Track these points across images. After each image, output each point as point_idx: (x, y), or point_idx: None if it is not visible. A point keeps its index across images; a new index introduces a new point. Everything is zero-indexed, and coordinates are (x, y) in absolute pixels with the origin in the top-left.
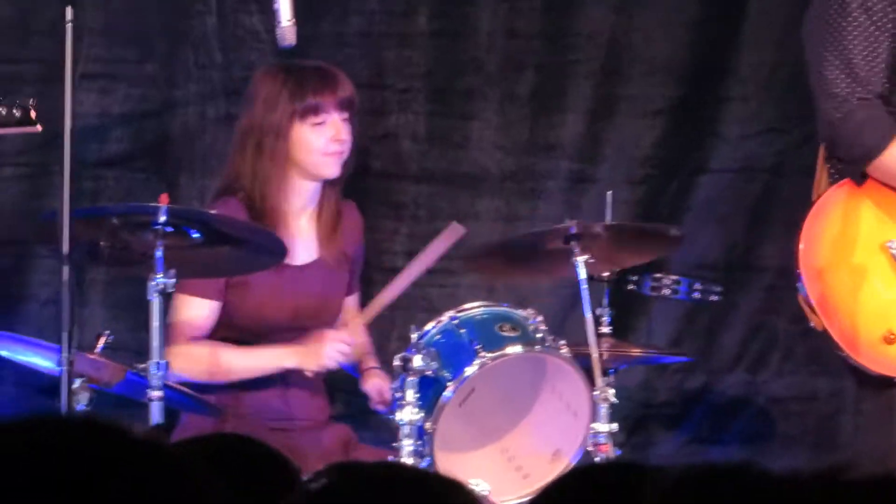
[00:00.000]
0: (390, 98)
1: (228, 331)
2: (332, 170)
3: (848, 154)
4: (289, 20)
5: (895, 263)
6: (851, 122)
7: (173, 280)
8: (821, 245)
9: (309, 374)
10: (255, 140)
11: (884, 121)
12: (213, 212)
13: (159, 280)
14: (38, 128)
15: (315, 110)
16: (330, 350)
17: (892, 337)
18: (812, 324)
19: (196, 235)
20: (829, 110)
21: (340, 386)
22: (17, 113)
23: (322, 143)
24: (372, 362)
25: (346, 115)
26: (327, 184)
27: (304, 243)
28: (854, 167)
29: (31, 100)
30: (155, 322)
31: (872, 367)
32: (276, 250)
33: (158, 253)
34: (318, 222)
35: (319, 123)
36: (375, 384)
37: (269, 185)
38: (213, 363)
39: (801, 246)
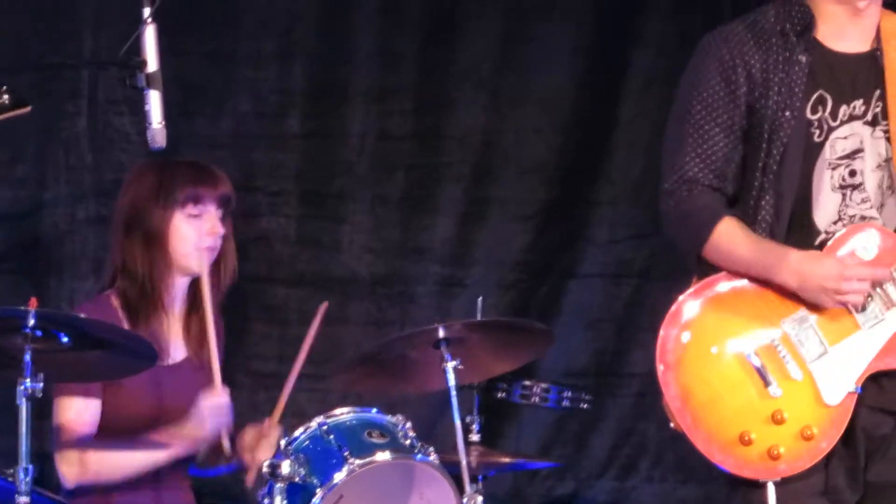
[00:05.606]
0: (261, 200)
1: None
2: (200, 265)
3: (678, 249)
4: (159, 122)
5: (754, 371)
6: (669, 219)
7: (41, 384)
8: (677, 347)
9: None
10: (137, 230)
11: (702, 212)
12: (82, 315)
13: (28, 384)
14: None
15: (195, 199)
16: (208, 413)
17: (748, 439)
18: (672, 425)
19: (65, 340)
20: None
21: (206, 490)
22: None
23: (196, 236)
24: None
25: (221, 212)
26: (207, 285)
27: (174, 341)
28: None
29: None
30: (23, 427)
31: (730, 469)
32: (147, 354)
33: (27, 357)
34: (185, 321)
35: (196, 216)
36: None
37: (149, 277)
38: (105, 465)
39: (657, 348)
